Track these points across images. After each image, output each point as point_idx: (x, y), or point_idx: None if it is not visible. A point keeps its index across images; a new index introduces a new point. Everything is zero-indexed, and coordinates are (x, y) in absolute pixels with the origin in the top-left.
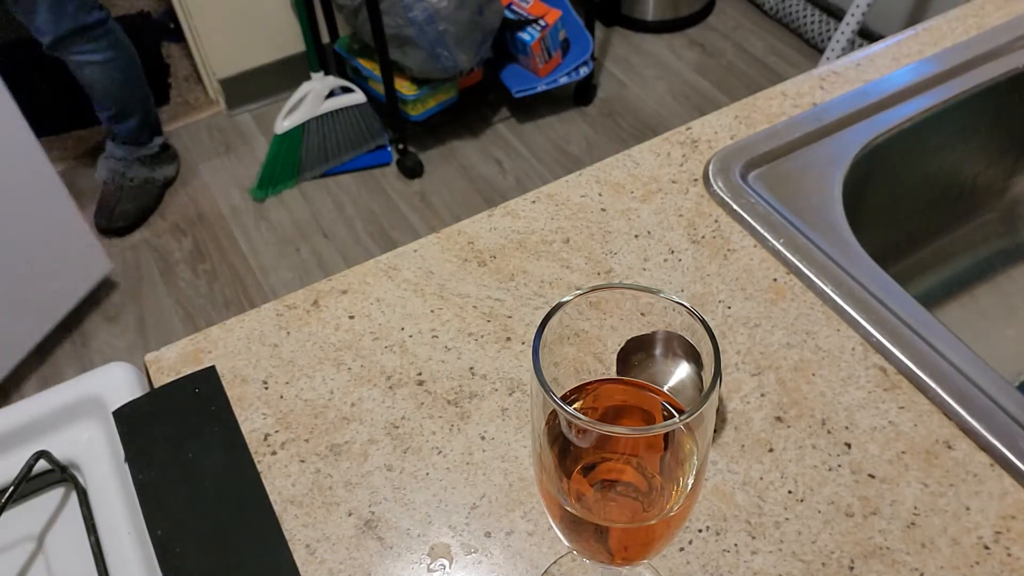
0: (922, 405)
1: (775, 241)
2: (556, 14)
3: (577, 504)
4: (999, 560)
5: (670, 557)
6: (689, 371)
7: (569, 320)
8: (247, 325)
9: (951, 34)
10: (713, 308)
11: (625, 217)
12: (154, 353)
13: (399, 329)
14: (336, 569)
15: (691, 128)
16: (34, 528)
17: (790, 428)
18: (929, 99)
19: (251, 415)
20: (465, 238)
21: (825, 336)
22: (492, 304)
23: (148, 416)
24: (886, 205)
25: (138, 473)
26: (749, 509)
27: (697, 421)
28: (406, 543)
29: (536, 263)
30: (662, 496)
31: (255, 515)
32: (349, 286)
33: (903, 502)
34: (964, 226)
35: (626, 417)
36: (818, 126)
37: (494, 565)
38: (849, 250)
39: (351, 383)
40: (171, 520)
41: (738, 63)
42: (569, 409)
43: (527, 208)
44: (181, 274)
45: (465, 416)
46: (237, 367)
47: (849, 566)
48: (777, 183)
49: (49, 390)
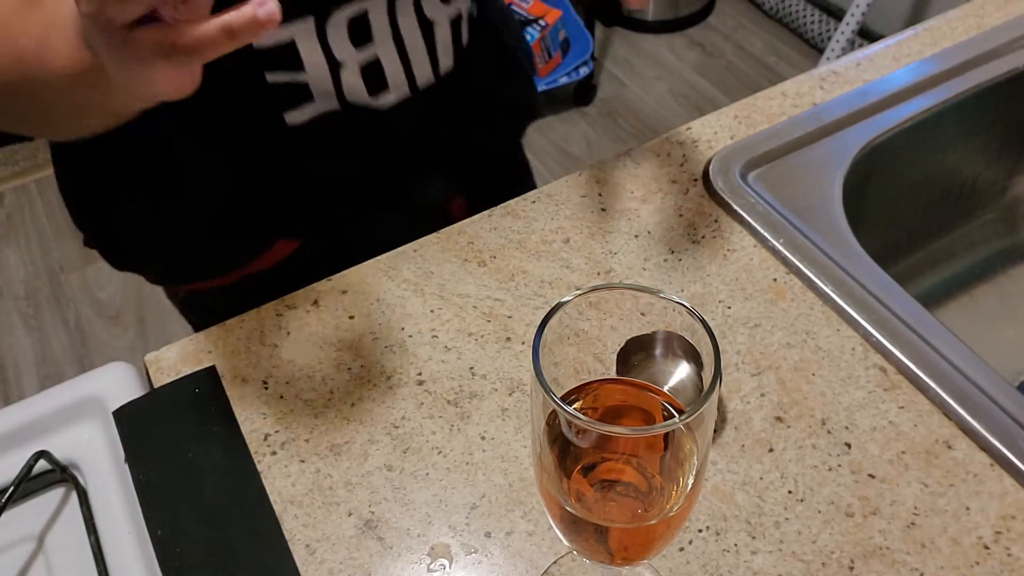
0: (922, 405)
1: (775, 241)
2: (556, 14)
3: (577, 504)
4: (999, 560)
5: (670, 557)
6: (689, 371)
7: (569, 320)
8: (247, 325)
9: (951, 34)
10: (713, 308)
11: (625, 217)
12: (154, 353)
13: (399, 329)
14: (336, 569)
15: (691, 128)
16: (34, 528)
17: (790, 428)
18: (929, 99)
19: (251, 415)
20: (465, 238)
21: (825, 336)
22: (492, 304)
23: (148, 416)
24: (886, 205)
25: (138, 473)
26: (749, 509)
27: (697, 421)
28: (406, 543)
29: (536, 263)
30: (662, 496)
31: (255, 515)
32: (349, 286)
33: (903, 502)
34: (964, 226)
35: (626, 417)
36: (818, 126)
37: (494, 565)
38: (849, 250)
39: (351, 383)
40: (171, 520)
41: (738, 63)
42: (569, 409)
43: (527, 208)
44: None
45: (465, 416)
46: (237, 367)
47: (849, 566)
48: (777, 183)
49: (49, 390)
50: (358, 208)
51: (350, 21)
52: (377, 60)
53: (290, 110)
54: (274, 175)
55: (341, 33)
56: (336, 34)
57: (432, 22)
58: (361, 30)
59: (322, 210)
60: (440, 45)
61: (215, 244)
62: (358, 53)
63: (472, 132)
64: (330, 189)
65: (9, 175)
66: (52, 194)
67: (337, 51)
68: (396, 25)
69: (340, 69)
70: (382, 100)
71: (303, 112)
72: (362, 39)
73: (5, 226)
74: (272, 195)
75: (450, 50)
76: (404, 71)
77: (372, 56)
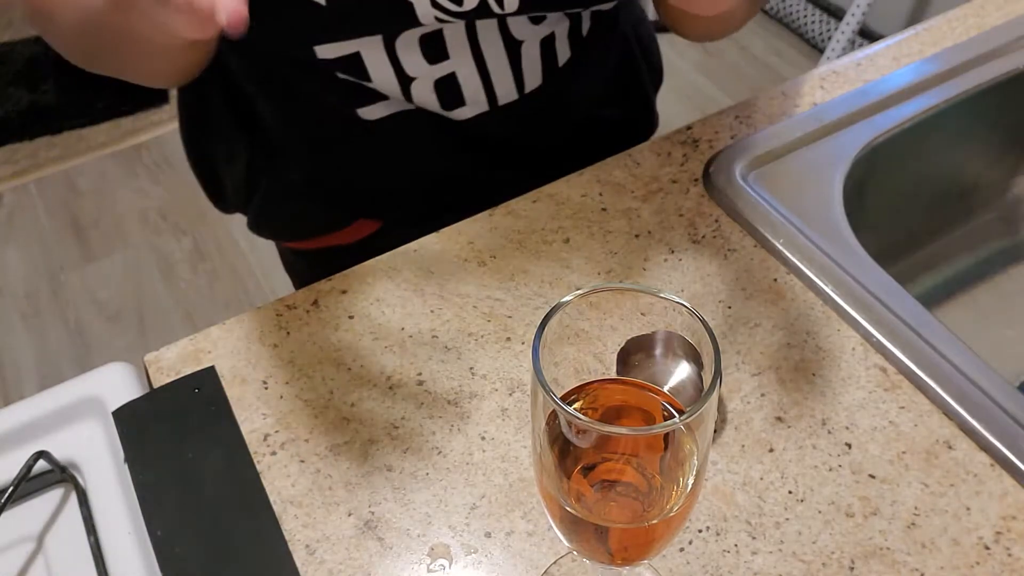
0: (922, 405)
1: (775, 241)
2: None
3: (577, 504)
4: (999, 560)
5: (670, 557)
6: (689, 371)
7: (569, 320)
8: (247, 325)
9: (951, 34)
10: (713, 308)
11: (625, 217)
12: (154, 353)
13: (399, 329)
14: (336, 569)
15: (691, 128)
16: (34, 528)
17: (790, 428)
18: (929, 99)
19: (251, 415)
20: (465, 238)
21: (825, 336)
22: (492, 304)
23: (148, 416)
24: (886, 205)
25: (138, 473)
26: (749, 509)
27: (697, 421)
28: (406, 543)
29: (536, 263)
30: (662, 496)
31: (255, 515)
32: (349, 286)
33: (903, 502)
34: (964, 226)
35: (626, 417)
36: (818, 126)
37: (494, 565)
38: (849, 250)
39: (351, 383)
40: (171, 520)
41: (739, 63)
42: (569, 409)
43: (527, 208)
44: (181, 274)
45: (465, 416)
46: (237, 367)
47: (849, 566)
48: (777, 183)
49: (49, 390)
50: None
51: (423, 38)
52: (453, 75)
53: (362, 107)
54: (352, 162)
55: (413, 49)
56: (407, 50)
57: (520, 41)
58: (436, 47)
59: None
60: (526, 63)
61: (298, 210)
62: (432, 68)
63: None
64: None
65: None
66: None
67: (408, 67)
68: (476, 43)
69: (411, 82)
70: (456, 113)
71: (376, 109)
72: (437, 56)
73: (5, 226)
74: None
75: (538, 68)
76: (484, 87)
77: (447, 72)
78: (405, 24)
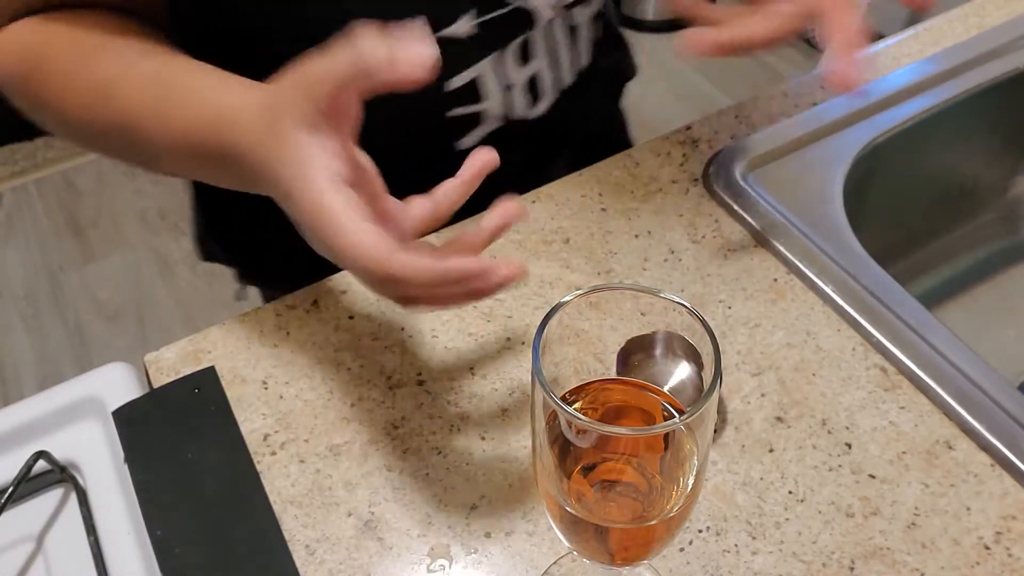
0: (923, 405)
1: (775, 241)
2: None
3: (577, 504)
4: (1000, 560)
5: (670, 557)
6: (689, 371)
7: (569, 320)
8: (247, 325)
9: (951, 34)
10: (713, 308)
11: (625, 217)
12: (154, 353)
13: (399, 329)
14: (336, 569)
15: (691, 128)
16: (33, 528)
17: (790, 428)
18: (929, 99)
19: (251, 415)
20: None
21: (825, 336)
22: (492, 304)
23: (148, 416)
24: (886, 205)
25: (138, 473)
26: (749, 509)
27: (697, 421)
28: (406, 543)
29: (536, 263)
30: (662, 496)
31: (255, 515)
32: (349, 286)
33: (904, 502)
34: (964, 226)
35: (626, 417)
36: (818, 126)
37: (494, 565)
38: (849, 250)
39: (351, 383)
40: (171, 520)
41: (738, 63)
42: (569, 409)
43: (527, 208)
44: (181, 274)
45: (465, 416)
46: (237, 367)
47: (850, 566)
48: (777, 183)
49: (49, 390)
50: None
51: (522, 43)
52: (537, 74)
53: (463, 137)
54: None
55: (514, 57)
56: (511, 60)
57: (576, 26)
58: (526, 49)
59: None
60: (582, 45)
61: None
62: (522, 71)
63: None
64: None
65: (9, 175)
66: (52, 194)
67: (510, 75)
68: (553, 37)
69: (511, 90)
70: (534, 111)
71: (473, 136)
72: (526, 58)
73: (5, 226)
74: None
75: (590, 48)
76: (553, 78)
77: (534, 71)
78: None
